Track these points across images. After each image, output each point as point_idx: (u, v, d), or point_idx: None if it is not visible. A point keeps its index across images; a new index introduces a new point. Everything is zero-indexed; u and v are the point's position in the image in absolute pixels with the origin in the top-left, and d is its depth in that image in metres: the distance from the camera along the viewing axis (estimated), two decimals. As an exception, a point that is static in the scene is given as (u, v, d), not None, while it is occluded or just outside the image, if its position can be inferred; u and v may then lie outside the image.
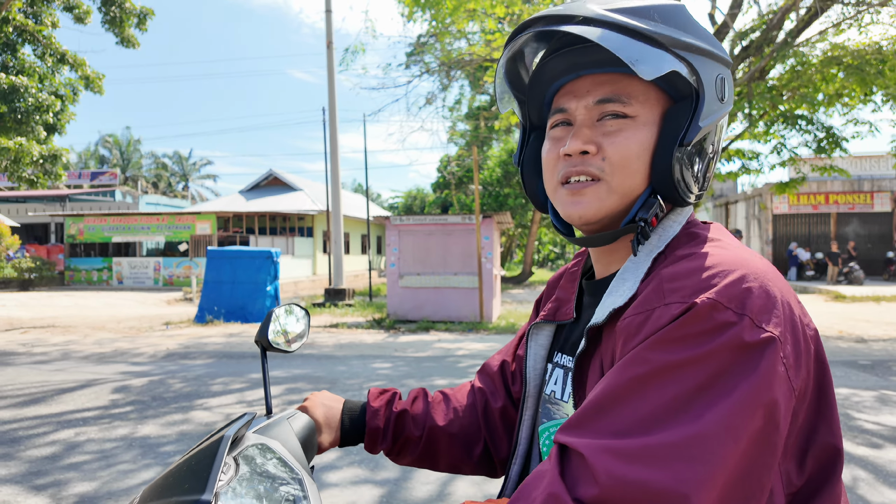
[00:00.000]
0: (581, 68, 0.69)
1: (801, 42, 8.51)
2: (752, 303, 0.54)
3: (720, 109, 0.66)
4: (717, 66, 0.66)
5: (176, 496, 0.63)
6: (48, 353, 7.50)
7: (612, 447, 0.50)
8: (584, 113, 0.67)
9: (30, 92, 10.70)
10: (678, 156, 0.64)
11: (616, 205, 0.67)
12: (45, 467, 3.43)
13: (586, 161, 0.66)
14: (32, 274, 19.15)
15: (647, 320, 0.56)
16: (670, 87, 0.67)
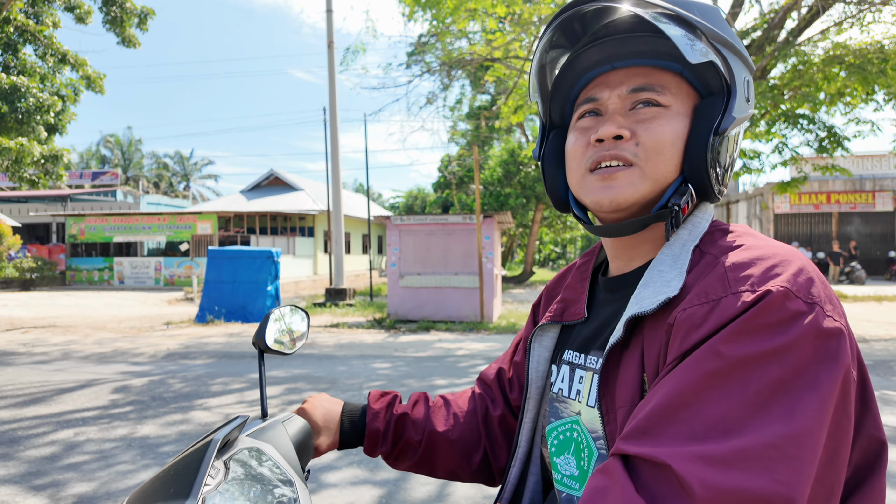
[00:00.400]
0: (616, 59, 0.69)
1: (803, 41, 8.48)
2: (819, 293, 0.54)
3: (746, 109, 0.68)
4: (744, 68, 0.68)
5: (161, 501, 0.62)
6: (48, 353, 7.50)
7: (702, 454, 0.47)
8: (617, 101, 0.68)
9: (31, 92, 10.71)
10: (712, 144, 0.65)
11: (648, 191, 0.66)
12: (44, 467, 3.42)
13: (619, 146, 0.66)
14: (34, 274, 19.17)
15: (714, 310, 0.54)
16: (701, 82, 0.68)
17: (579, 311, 0.78)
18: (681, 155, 0.66)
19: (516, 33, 8.92)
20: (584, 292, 0.79)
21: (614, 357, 0.64)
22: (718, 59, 0.64)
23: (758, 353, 0.50)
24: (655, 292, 0.62)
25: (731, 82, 0.65)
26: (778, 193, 9.88)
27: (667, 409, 0.51)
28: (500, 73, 9.56)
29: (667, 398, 0.51)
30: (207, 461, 0.65)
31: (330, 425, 0.88)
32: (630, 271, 0.72)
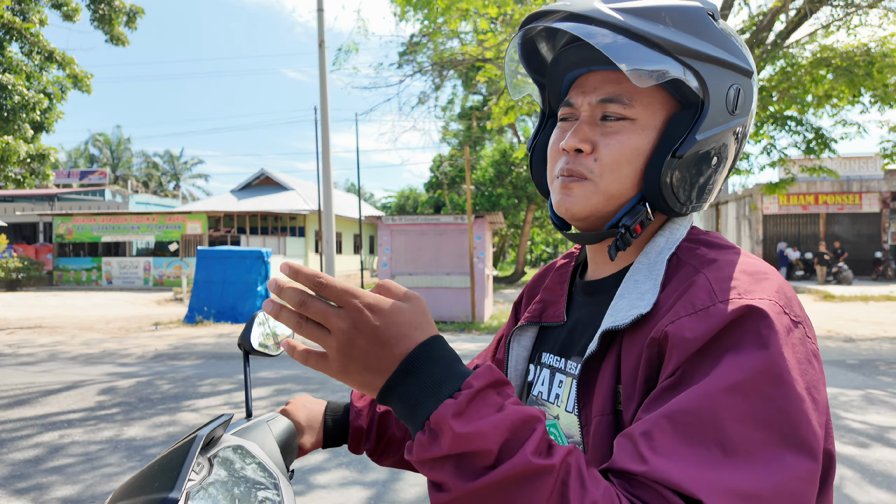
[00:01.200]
0: (591, 63, 0.69)
1: (791, 43, 8.56)
2: (799, 311, 0.56)
3: (728, 122, 0.65)
4: (731, 75, 0.64)
5: (145, 495, 0.62)
6: (35, 354, 7.41)
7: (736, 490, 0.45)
8: (588, 110, 0.68)
9: (16, 90, 10.57)
10: (668, 167, 0.63)
11: (601, 205, 0.66)
12: (27, 470, 3.38)
13: (578, 160, 0.66)
14: (20, 274, 18.94)
15: (704, 317, 0.54)
16: (677, 90, 0.66)
17: (558, 313, 0.78)
18: (639, 172, 0.66)
19: (507, 34, 8.93)
20: (563, 295, 0.79)
21: (592, 367, 0.65)
22: (690, 73, 0.61)
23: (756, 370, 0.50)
24: (630, 305, 0.62)
25: (704, 97, 0.63)
26: (766, 194, 9.97)
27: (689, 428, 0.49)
28: (492, 73, 9.57)
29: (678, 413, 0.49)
30: (192, 456, 0.65)
31: (313, 424, 0.88)
32: (607, 276, 0.72)
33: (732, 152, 0.69)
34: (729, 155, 0.68)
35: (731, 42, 0.65)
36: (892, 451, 3.65)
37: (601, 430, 0.61)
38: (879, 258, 19.49)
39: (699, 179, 0.67)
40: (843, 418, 4.38)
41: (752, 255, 0.63)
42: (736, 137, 0.67)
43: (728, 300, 0.54)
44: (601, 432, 0.61)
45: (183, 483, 0.61)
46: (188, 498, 0.65)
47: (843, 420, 4.33)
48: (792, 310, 0.55)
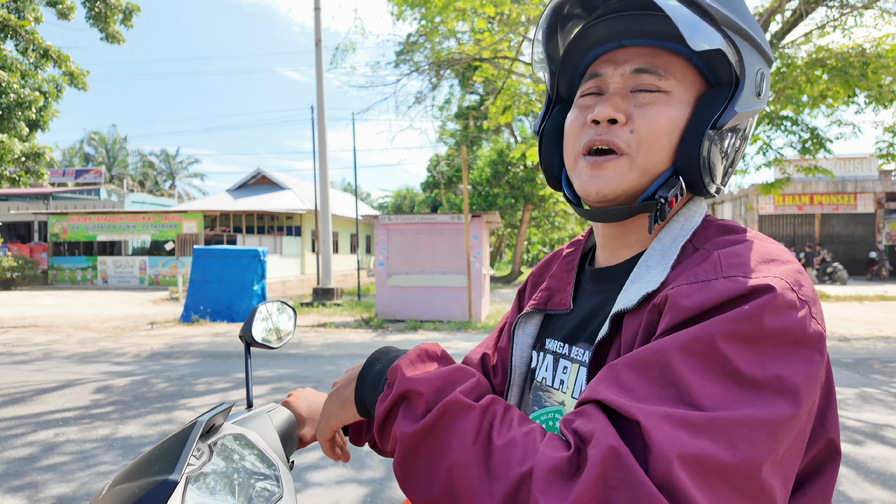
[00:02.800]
0: (625, 37, 0.67)
1: (787, 44, 8.60)
2: (809, 293, 0.55)
3: (755, 104, 0.65)
4: (760, 59, 0.65)
5: (145, 477, 0.62)
6: (29, 352, 7.38)
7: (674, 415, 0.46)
8: (619, 81, 0.66)
9: (11, 87, 10.52)
10: (708, 138, 0.62)
11: (636, 182, 0.64)
12: (21, 468, 3.36)
13: (613, 131, 0.64)
14: (14, 273, 18.84)
15: (704, 289, 0.53)
16: (710, 70, 0.65)
17: (565, 301, 0.77)
18: (675, 145, 0.64)
19: (504, 33, 8.94)
20: (570, 283, 0.78)
21: (602, 352, 0.64)
22: (729, 47, 0.61)
23: (747, 337, 0.50)
24: (640, 288, 0.61)
25: (740, 73, 0.62)
26: (762, 194, 10.01)
27: (645, 365, 0.50)
28: (489, 73, 9.57)
29: (645, 354, 0.50)
30: (192, 440, 0.65)
31: (315, 416, 0.88)
32: (618, 263, 0.71)
33: (747, 135, 0.69)
34: (748, 140, 0.68)
35: (760, 29, 0.66)
36: (886, 449, 3.67)
37: None
38: (874, 258, 19.60)
39: (728, 157, 0.66)
40: (839, 416, 4.40)
41: (770, 240, 0.61)
42: (749, 127, 0.68)
43: (733, 277, 0.54)
44: None
45: (183, 466, 0.62)
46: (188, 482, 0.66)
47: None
48: (801, 289, 0.54)
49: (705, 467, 0.44)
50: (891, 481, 3.15)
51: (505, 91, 9.60)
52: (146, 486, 0.60)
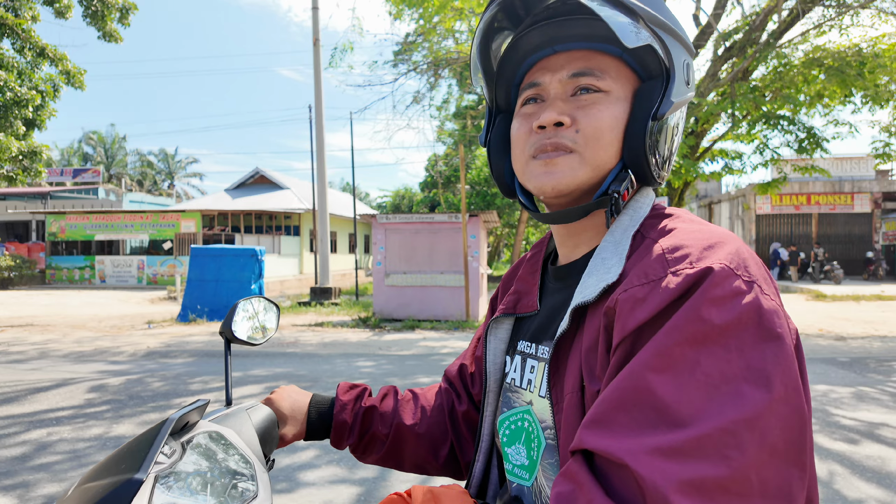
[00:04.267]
0: (557, 42, 0.69)
1: (784, 43, 8.60)
2: (755, 272, 0.55)
3: (687, 93, 0.67)
4: (683, 50, 0.67)
5: (112, 476, 0.61)
6: (25, 352, 7.36)
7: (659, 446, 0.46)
8: (559, 87, 0.68)
9: (8, 86, 10.50)
10: (651, 129, 0.65)
11: (588, 177, 0.66)
12: (13, 468, 3.35)
13: (559, 133, 0.66)
14: (12, 272, 18.81)
15: (654, 290, 0.53)
16: (641, 66, 0.68)
17: (531, 302, 0.78)
18: (620, 140, 0.66)
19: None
20: (536, 284, 0.79)
21: (563, 347, 0.64)
22: (657, 43, 0.63)
23: (702, 333, 0.49)
24: (598, 280, 0.62)
25: (670, 66, 0.65)
26: (759, 194, 10.02)
27: (620, 395, 0.50)
28: (486, 72, 9.56)
29: (619, 384, 0.50)
30: (160, 438, 0.64)
31: (297, 415, 0.88)
32: (577, 259, 0.72)
33: (681, 125, 0.72)
34: (678, 133, 0.71)
35: (677, 21, 0.68)
36: (882, 447, 3.67)
37: (571, 408, 0.60)
38: (871, 258, 19.62)
39: (669, 146, 0.69)
40: (834, 415, 4.40)
41: (712, 224, 0.63)
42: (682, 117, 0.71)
43: (679, 271, 0.54)
44: (571, 411, 0.60)
45: (150, 465, 0.60)
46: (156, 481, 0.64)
47: (833, 417, 4.35)
48: (746, 270, 0.54)
49: (704, 488, 0.44)
50: (886, 480, 3.15)
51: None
52: (110, 486, 0.59)
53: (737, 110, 8.38)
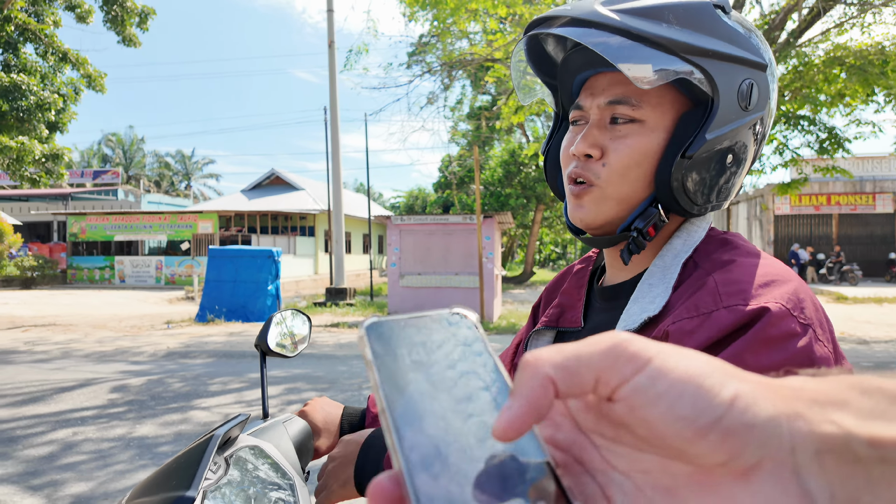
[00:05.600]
0: (598, 65, 0.67)
1: (804, 42, 8.47)
2: (811, 315, 0.54)
3: (741, 118, 0.63)
4: (743, 70, 0.63)
5: (162, 492, 0.64)
6: (49, 351, 7.51)
7: None
8: (597, 113, 0.67)
9: (31, 90, 10.72)
10: (678, 168, 0.62)
11: (613, 211, 0.66)
12: (41, 467, 3.43)
13: (587, 165, 0.66)
14: (35, 272, 19.19)
15: (704, 323, 0.53)
16: (688, 89, 0.65)
17: (576, 318, 0.77)
18: (650, 174, 0.65)
19: (517, 34, 8.92)
20: (581, 300, 0.79)
21: None
22: (696, 71, 0.60)
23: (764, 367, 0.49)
24: (641, 310, 0.62)
25: (713, 94, 0.62)
26: (778, 195, 9.87)
27: None
28: (501, 73, 9.55)
29: None
30: (208, 455, 0.66)
31: (330, 427, 0.89)
32: (624, 281, 0.72)
33: (752, 149, 0.67)
34: (748, 152, 0.67)
35: (742, 35, 0.64)
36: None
37: None
38: (893, 259, 19.23)
39: (716, 179, 0.66)
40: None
41: (772, 258, 0.61)
42: (754, 133, 0.66)
43: (732, 307, 0.53)
44: None
45: (199, 482, 0.63)
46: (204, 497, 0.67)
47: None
48: (802, 312, 0.53)
49: None
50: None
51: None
52: (164, 502, 0.61)
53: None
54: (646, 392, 0.20)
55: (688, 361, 0.21)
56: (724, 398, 0.20)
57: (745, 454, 0.19)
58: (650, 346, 0.21)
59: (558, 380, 0.21)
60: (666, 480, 0.21)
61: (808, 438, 0.19)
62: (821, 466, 0.19)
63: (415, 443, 0.20)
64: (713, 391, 0.20)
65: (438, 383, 0.22)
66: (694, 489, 0.20)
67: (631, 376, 0.21)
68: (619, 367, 0.21)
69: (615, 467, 0.22)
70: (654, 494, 0.21)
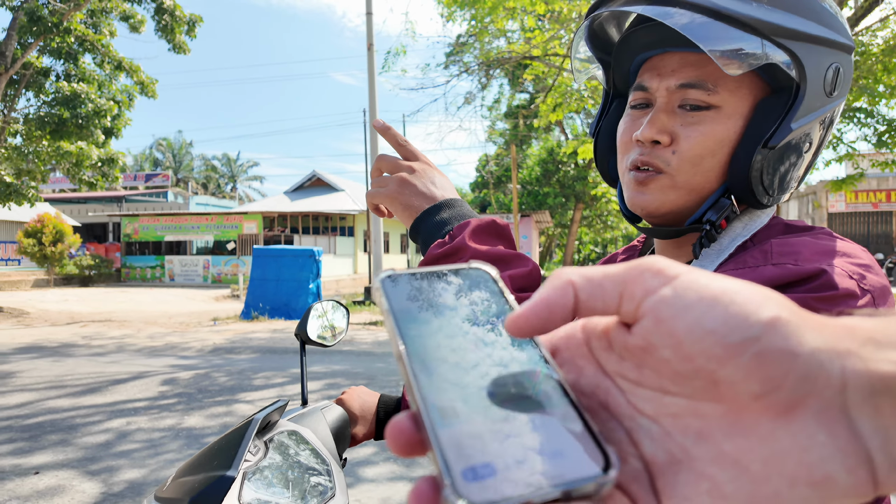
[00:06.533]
0: (669, 44, 0.62)
1: (861, 30, 8.06)
2: (875, 282, 0.51)
3: (825, 105, 0.60)
4: (832, 53, 0.59)
5: (205, 472, 0.67)
6: (105, 345, 7.90)
7: None
8: (665, 96, 0.62)
9: (89, 98, 11.29)
10: (759, 158, 0.58)
11: (682, 201, 0.62)
12: (98, 454, 3.61)
13: (655, 152, 0.61)
14: (92, 271, 20.22)
15: (747, 274, 0.51)
16: (769, 74, 0.60)
17: None
18: (724, 164, 0.61)
19: (555, 31, 8.82)
20: None
21: None
22: (784, 55, 0.55)
23: None
24: None
25: (800, 80, 0.57)
26: (833, 191, 9.43)
27: None
28: (539, 71, 9.47)
29: None
30: (248, 437, 0.69)
31: (366, 415, 0.91)
32: None
33: (818, 138, 0.63)
34: (815, 141, 0.63)
35: (832, 15, 0.60)
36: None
37: None
38: (961, 259, 18.04)
39: (790, 170, 0.62)
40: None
41: (844, 239, 0.57)
42: (822, 123, 0.62)
43: (782, 264, 0.51)
44: None
45: (239, 463, 0.66)
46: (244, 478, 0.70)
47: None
48: (864, 280, 0.50)
49: None
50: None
51: (556, 88, 9.48)
52: (206, 481, 0.64)
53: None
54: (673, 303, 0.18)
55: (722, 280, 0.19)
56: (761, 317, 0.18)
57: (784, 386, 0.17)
58: (679, 265, 0.20)
59: (580, 287, 0.20)
60: (696, 423, 0.19)
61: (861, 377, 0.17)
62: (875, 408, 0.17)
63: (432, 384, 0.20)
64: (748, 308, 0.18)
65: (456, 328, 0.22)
66: (727, 431, 0.18)
67: (657, 288, 0.19)
68: (644, 280, 0.19)
69: (642, 411, 0.20)
70: (683, 439, 0.19)
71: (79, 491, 3.06)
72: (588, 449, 0.19)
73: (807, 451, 0.17)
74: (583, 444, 0.19)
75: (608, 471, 0.18)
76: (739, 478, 0.18)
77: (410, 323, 0.22)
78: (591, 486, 0.18)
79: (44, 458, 3.52)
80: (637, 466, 0.20)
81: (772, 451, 0.18)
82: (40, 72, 12.08)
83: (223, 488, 0.63)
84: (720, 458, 0.18)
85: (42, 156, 11.47)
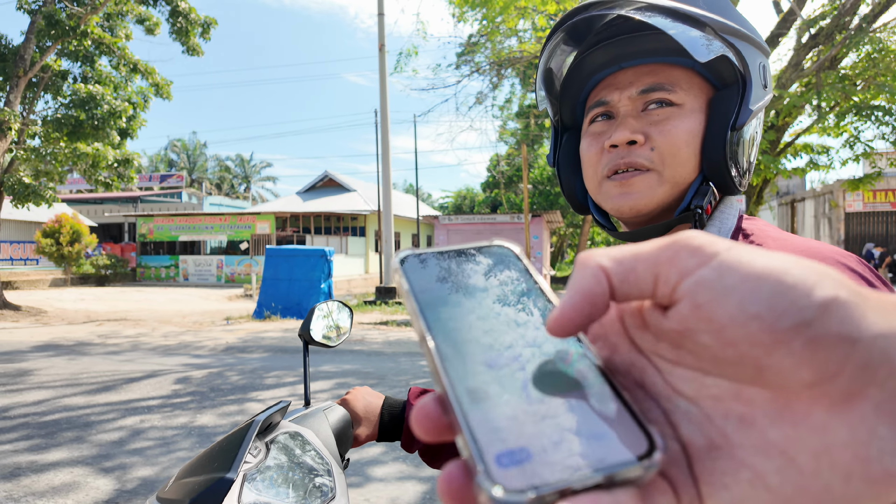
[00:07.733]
0: (623, 60, 0.67)
1: (878, 28, 7.92)
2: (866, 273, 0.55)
3: (763, 97, 0.66)
4: (758, 53, 0.66)
5: (206, 474, 0.67)
6: (120, 344, 8.01)
7: None
8: (628, 104, 0.66)
9: (105, 100, 11.46)
10: (730, 139, 0.63)
11: (668, 195, 0.65)
12: (112, 451, 3.67)
13: (633, 152, 0.64)
14: (108, 270, 20.51)
15: None
16: (713, 74, 0.66)
17: None
18: (698, 154, 0.65)
19: (567, 30, 8.79)
20: None
21: None
22: (731, 52, 0.62)
23: None
24: None
25: (745, 73, 0.63)
26: (850, 191, 9.28)
27: None
28: (550, 70, 9.44)
29: None
30: (248, 440, 0.69)
31: (370, 417, 0.91)
32: None
33: (760, 132, 0.70)
34: (759, 132, 0.70)
35: (749, 23, 0.67)
36: None
37: None
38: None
39: (752, 152, 0.68)
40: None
41: (815, 241, 0.60)
42: (758, 117, 0.69)
43: None
44: None
45: (239, 464, 0.66)
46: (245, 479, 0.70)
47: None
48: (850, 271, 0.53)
49: None
50: None
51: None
52: (205, 483, 0.65)
53: (823, 101, 7.80)
54: (712, 286, 0.17)
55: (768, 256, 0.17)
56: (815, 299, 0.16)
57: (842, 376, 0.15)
58: (718, 241, 0.18)
59: (613, 273, 0.19)
60: (739, 408, 0.17)
61: None
62: None
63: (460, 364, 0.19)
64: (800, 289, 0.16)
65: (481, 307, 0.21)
66: (773, 418, 0.17)
67: (694, 269, 0.17)
68: (680, 260, 0.18)
69: (680, 392, 0.19)
70: (725, 424, 0.18)
71: (93, 487, 3.10)
72: (630, 430, 0.18)
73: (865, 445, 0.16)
74: (624, 426, 0.18)
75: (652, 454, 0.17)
76: (786, 469, 0.16)
77: (433, 303, 0.21)
78: (636, 469, 0.17)
79: (59, 454, 3.58)
80: (676, 449, 0.18)
81: (824, 443, 0.16)
82: (58, 74, 12.29)
83: (223, 490, 0.63)
84: (765, 446, 0.17)
85: (59, 157, 11.66)
